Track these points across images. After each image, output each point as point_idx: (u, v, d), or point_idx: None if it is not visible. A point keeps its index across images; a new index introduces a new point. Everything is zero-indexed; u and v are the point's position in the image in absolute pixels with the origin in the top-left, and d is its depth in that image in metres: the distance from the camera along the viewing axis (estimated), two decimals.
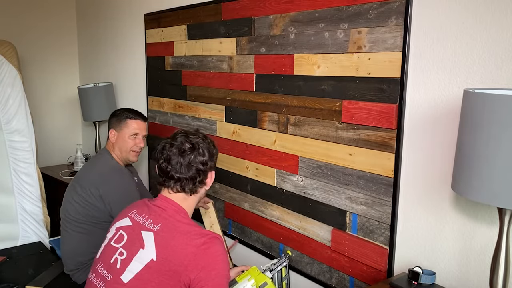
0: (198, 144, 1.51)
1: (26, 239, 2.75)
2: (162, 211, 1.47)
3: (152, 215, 1.46)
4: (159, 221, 1.43)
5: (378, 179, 1.64)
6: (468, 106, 1.11)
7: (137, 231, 1.43)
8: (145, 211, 1.49)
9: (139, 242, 1.40)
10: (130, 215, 1.52)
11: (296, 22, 1.89)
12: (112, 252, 1.44)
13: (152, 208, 1.49)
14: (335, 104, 1.77)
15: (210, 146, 1.55)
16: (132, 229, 1.45)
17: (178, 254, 1.34)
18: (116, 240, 1.47)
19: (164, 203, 1.49)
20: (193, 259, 1.34)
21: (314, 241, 1.92)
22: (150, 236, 1.40)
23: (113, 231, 1.51)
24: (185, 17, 2.54)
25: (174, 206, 1.48)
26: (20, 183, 2.79)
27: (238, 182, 2.29)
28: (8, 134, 2.78)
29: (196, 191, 1.52)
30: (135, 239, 1.42)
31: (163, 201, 1.50)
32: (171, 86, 2.73)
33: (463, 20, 1.38)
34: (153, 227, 1.42)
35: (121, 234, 1.47)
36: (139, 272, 1.35)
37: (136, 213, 1.50)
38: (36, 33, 3.72)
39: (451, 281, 1.47)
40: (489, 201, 1.08)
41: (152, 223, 1.43)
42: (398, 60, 1.54)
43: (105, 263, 1.45)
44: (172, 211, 1.47)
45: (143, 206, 1.52)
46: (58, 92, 3.92)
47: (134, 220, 1.48)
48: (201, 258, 1.34)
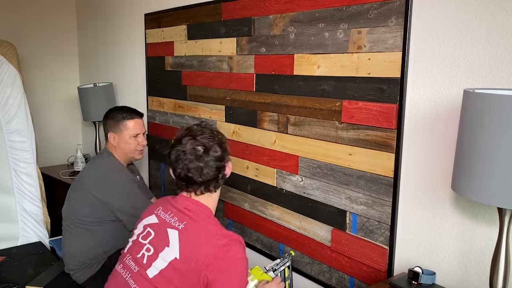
0: (209, 144, 1.49)
1: (26, 239, 2.75)
2: (186, 210, 1.48)
3: (178, 214, 1.47)
4: (184, 219, 1.45)
5: (378, 179, 1.64)
6: (468, 106, 1.11)
7: (163, 229, 1.46)
8: (170, 209, 1.51)
9: (164, 240, 1.43)
10: (156, 213, 1.53)
11: (296, 22, 1.89)
12: (140, 247, 1.48)
13: (177, 207, 1.50)
14: (335, 104, 1.77)
15: (220, 139, 1.54)
16: (159, 227, 1.48)
17: (199, 254, 1.36)
18: (143, 236, 1.50)
19: (189, 204, 1.50)
20: (213, 260, 1.35)
21: (314, 241, 1.92)
22: (175, 234, 1.42)
23: (141, 228, 1.54)
24: (185, 17, 2.54)
25: (199, 206, 1.50)
26: (20, 183, 2.79)
27: (238, 182, 2.29)
28: (8, 134, 2.78)
29: (220, 185, 1.54)
30: (161, 237, 1.45)
31: (187, 201, 1.51)
32: (171, 86, 2.73)
33: (463, 20, 1.38)
34: (178, 225, 1.44)
35: (148, 231, 1.51)
36: (163, 269, 1.39)
37: (162, 211, 1.53)
38: (36, 33, 3.72)
39: (451, 281, 1.47)
40: (489, 201, 1.08)
41: (177, 221, 1.45)
42: (398, 60, 1.54)
43: (133, 256, 1.49)
44: (196, 210, 1.48)
45: (167, 204, 1.53)
46: (58, 92, 3.92)
47: (160, 217, 1.51)
48: (221, 260, 1.36)
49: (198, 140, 1.48)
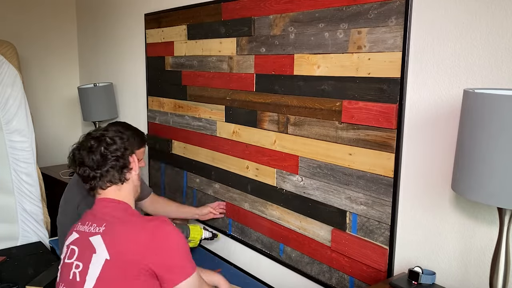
0: (102, 136, 1.47)
1: (26, 239, 2.76)
2: (102, 212, 1.44)
3: (95, 220, 1.43)
4: (102, 222, 1.40)
5: (378, 179, 1.64)
6: (468, 106, 1.11)
7: (86, 240, 1.39)
8: (88, 219, 1.45)
9: (90, 249, 1.37)
10: (75, 229, 1.47)
11: (296, 22, 1.89)
12: (68, 269, 1.40)
13: (93, 214, 1.46)
14: (335, 104, 1.77)
15: (117, 133, 1.51)
16: (81, 240, 1.41)
17: (130, 244, 1.33)
18: (68, 256, 1.42)
19: (102, 203, 1.47)
20: (148, 244, 1.32)
21: (314, 241, 1.92)
22: (98, 239, 1.37)
23: (65, 250, 1.46)
24: (185, 17, 2.54)
25: (111, 202, 1.46)
26: (20, 183, 2.79)
27: (238, 182, 2.29)
28: (8, 134, 2.78)
29: (126, 178, 1.48)
30: (86, 248, 1.38)
31: (100, 202, 1.47)
32: (171, 86, 2.73)
33: (463, 20, 1.38)
34: (98, 230, 1.39)
35: (72, 249, 1.43)
36: (98, 276, 1.32)
37: (80, 225, 1.46)
38: (36, 33, 3.72)
39: (451, 281, 1.47)
40: (489, 201, 1.08)
41: (97, 226, 1.40)
42: (398, 60, 1.54)
43: (65, 282, 1.40)
44: (111, 208, 1.44)
45: (86, 216, 1.48)
46: (58, 92, 3.92)
47: (80, 231, 1.44)
48: (156, 241, 1.33)
49: (90, 135, 1.49)
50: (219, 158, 2.40)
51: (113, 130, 1.53)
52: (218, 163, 2.41)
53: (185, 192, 2.71)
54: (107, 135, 1.48)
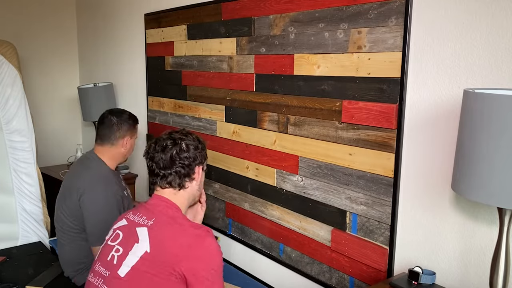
0: (180, 140, 1.54)
1: (26, 239, 2.75)
2: (154, 208, 1.49)
3: (147, 213, 1.48)
4: (152, 216, 1.45)
5: (378, 179, 1.64)
6: (468, 106, 1.11)
7: (132, 229, 1.45)
8: (140, 211, 1.51)
9: (133, 238, 1.42)
10: (126, 217, 1.53)
11: (296, 22, 1.89)
12: (108, 250, 1.46)
13: (146, 207, 1.51)
14: (335, 104, 1.77)
15: (195, 141, 1.57)
16: (128, 228, 1.47)
17: (172, 245, 1.36)
18: (112, 239, 1.48)
19: (156, 200, 1.52)
20: (187, 250, 1.35)
21: (314, 241, 1.92)
22: (144, 231, 1.42)
23: (110, 233, 1.53)
24: (185, 17, 2.54)
25: (165, 201, 1.51)
26: (20, 183, 2.79)
27: (238, 182, 2.29)
28: (8, 134, 2.78)
29: (184, 186, 1.53)
30: (130, 236, 1.44)
31: (155, 198, 1.53)
32: (171, 86, 2.73)
33: (463, 20, 1.38)
34: (147, 222, 1.44)
35: (117, 233, 1.49)
36: (134, 265, 1.36)
37: (131, 214, 1.52)
38: (36, 33, 3.72)
39: (451, 281, 1.47)
40: (489, 201, 1.08)
41: (146, 219, 1.45)
42: (398, 60, 1.54)
43: (102, 262, 1.46)
44: (163, 206, 1.49)
45: (138, 208, 1.55)
46: (58, 92, 3.92)
47: (129, 219, 1.50)
48: (197, 249, 1.35)
49: (171, 135, 1.56)
50: (219, 158, 2.40)
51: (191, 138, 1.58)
52: (218, 163, 2.41)
53: None
54: (185, 140, 1.55)
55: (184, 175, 1.52)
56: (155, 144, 1.54)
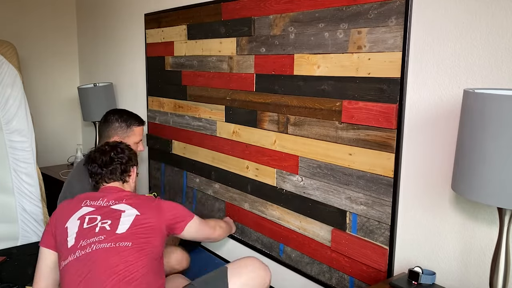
0: (116, 145, 1.89)
1: (26, 239, 2.75)
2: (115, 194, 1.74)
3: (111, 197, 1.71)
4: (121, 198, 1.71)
5: (378, 179, 1.64)
6: (468, 106, 1.11)
7: (108, 209, 1.66)
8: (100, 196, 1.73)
9: (116, 212, 1.64)
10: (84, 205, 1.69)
11: (296, 22, 1.89)
12: (92, 228, 1.59)
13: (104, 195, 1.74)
14: (335, 104, 1.77)
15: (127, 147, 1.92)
16: (100, 210, 1.66)
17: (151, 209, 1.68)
18: (88, 222, 1.62)
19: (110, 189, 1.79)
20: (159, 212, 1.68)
21: (314, 241, 1.92)
22: (123, 205, 1.67)
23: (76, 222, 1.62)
24: (185, 17, 2.54)
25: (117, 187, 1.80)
26: (20, 183, 2.79)
27: (238, 182, 2.29)
28: (8, 134, 2.78)
29: (125, 180, 1.85)
30: (111, 212, 1.64)
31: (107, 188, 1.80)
32: (171, 86, 2.73)
33: (463, 20, 1.38)
34: (119, 201, 1.69)
35: (90, 217, 1.63)
36: (132, 222, 1.60)
37: (90, 201, 1.71)
38: (36, 33, 3.72)
39: (451, 281, 1.47)
40: (489, 201, 1.08)
41: (115, 201, 1.69)
42: (398, 60, 1.54)
43: (89, 237, 1.56)
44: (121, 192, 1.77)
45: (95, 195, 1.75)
46: (58, 92, 3.92)
47: (95, 205, 1.69)
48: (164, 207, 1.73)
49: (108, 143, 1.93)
50: (219, 158, 2.40)
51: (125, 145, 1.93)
52: (218, 163, 2.41)
53: (185, 192, 2.71)
54: (120, 146, 1.90)
55: (123, 170, 1.84)
56: (95, 152, 1.87)
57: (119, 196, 1.73)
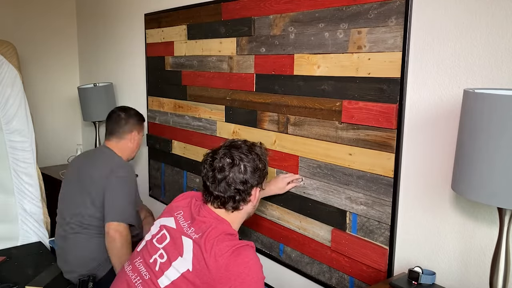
0: (239, 160, 1.44)
1: (26, 239, 2.75)
2: (204, 223, 1.43)
3: (194, 224, 1.44)
4: (199, 231, 1.41)
5: (378, 179, 1.64)
6: (468, 106, 1.11)
7: (179, 236, 1.43)
8: (190, 218, 1.47)
9: (179, 248, 1.39)
10: (176, 216, 1.50)
11: (296, 22, 1.89)
12: (153, 251, 1.45)
13: (196, 218, 1.46)
14: (335, 104, 1.77)
15: (255, 161, 1.47)
16: (175, 232, 1.45)
17: (211, 267, 1.32)
18: (158, 239, 1.46)
19: (208, 216, 1.46)
20: (225, 271, 1.31)
21: (314, 241, 1.92)
22: (189, 244, 1.38)
23: (157, 227, 1.50)
24: (185, 17, 2.54)
25: (215, 218, 1.46)
26: (20, 183, 2.79)
27: None
28: (8, 134, 2.78)
29: (238, 208, 1.48)
30: (176, 244, 1.41)
31: (207, 213, 1.47)
32: (171, 86, 2.73)
33: (463, 20, 1.38)
34: (193, 235, 1.40)
35: (164, 234, 1.47)
36: (175, 280, 1.35)
37: (182, 217, 1.48)
38: (36, 33, 3.72)
39: (451, 281, 1.47)
40: (489, 201, 1.08)
41: (194, 231, 1.41)
42: (398, 60, 1.54)
43: (144, 260, 1.45)
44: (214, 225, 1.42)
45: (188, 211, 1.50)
46: (58, 92, 3.92)
47: (179, 223, 1.47)
48: (233, 268, 1.32)
49: (231, 152, 1.45)
50: None
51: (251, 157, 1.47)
52: None
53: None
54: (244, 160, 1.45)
55: (240, 200, 1.46)
56: (212, 160, 1.46)
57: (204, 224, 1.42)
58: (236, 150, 1.46)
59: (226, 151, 1.46)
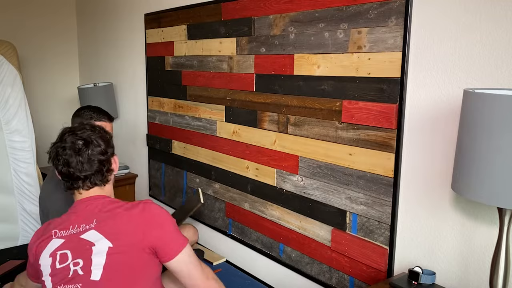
0: (90, 137, 1.47)
1: (26, 239, 2.75)
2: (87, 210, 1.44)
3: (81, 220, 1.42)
4: (91, 219, 1.41)
5: (378, 179, 1.64)
6: (468, 106, 1.11)
7: (77, 240, 1.38)
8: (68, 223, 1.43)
9: (86, 245, 1.36)
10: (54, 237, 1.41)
11: (296, 22, 1.89)
12: (65, 271, 1.35)
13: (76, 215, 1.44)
14: (335, 104, 1.77)
15: (102, 134, 1.52)
16: (70, 242, 1.39)
17: (127, 229, 1.37)
18: (60, 261, 1.37)
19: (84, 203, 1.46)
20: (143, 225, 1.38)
21: (314, 241, 1.92)
22: (93, 233, 1.38)
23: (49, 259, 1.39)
24: (185, 17, 2.54)
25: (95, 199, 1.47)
26: (20, 183, 2.79)
27: (238, 182, 2.29)
28: (8, 134, 2.78)
29: (107, 180, 1.52)
30: (81, 246, 1.37)
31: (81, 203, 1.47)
32: (171, 86, 2.73)
33: (463, 20, 1.38)
34: (89, 226, 1.40)
35: (61, 254, 1.38)
36: (105, 264, 1.33)
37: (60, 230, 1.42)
38: (36, 33, 3.72)
39: (451, 281, 1.47)
40: (489, 201, 1.08)
41: (86, 225, 1.40)
42: (398, 60, 1.54)
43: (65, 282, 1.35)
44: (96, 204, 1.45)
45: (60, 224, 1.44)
46: (58, 92, 3.92)
47: (64, 235, 1.40)
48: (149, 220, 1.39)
49: (77, 135, 1.47)
50: (219, 158, 2.40)
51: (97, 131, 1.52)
52: (218, 163, 2.41)
53: (185, 192, 2.71)
54: (93, 136, 1.48)
55: (106, 170, 1.49)
56: (64, 148, 1.45)
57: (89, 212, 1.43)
58: (80, 131, 1.49)
59: (72, 136, 1.47)
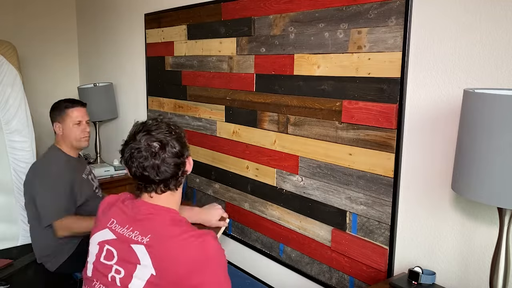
0: (166, 139, 1.38)
1: (26, 239, 2.75)
2: (148, 221, 1.37)
3: (138, 226, 1.35)
4: (147, 233, 1.33)
5: (378, 179, 1.64)
6: (468, 106, 1.11)
7: (126, 246, 1.33)
8: (127, 221, 1.38)
9: (133, 258, 1.31)
10: (110, 226, 1.39)
11: (296, 22, 1.89)
12: (106, 270, 1.34)
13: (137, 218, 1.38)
14: (335, 104, 1.77)
15: (178, 134, 1.43)
16: (120, 244, 1.35)
17: (176, 263, 1.28)
18: (105, 256, 1.35)
19: (150, 210, 1.39)
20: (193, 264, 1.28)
21: (314, 241, 1.92)
22: (142, 249, 1.31)
23: (96, 246, 1.39)
24: (185, 17, 2.54)
25: (160, 210, 1.40)
26: (20, 183, 2.78)
27: (238, 182, 2.29)
28: (8, 134, 2.78)
29: (180, 183, 1.46)
30: (127, 255, 1.32)
31: (148, 207, 1.40)
32: (171, 86, 2.73)
33: (463, 20, 1.38)
34: (141, 240, 1.32)
35: (108, 250, 1.36)
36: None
37: (117, 224, 1.38)
38: (36, 33, 3.72)
39: (451, 281, 1.47)
40: (489, 201, 1.08)
41: (139, 235, 1.33)
42: (398, 60, 1.54)
43: (102, 281, 1.34)
44: (160, 218, 1.38)
45: (122, 214, 1.40)
46: (58, 92, 3.90)
47: (118, 232, 1.37)
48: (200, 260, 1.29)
49: (153, 136, 1.38)
50: (219, 158, 2.40)
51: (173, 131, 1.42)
52: (218, 163, 2.41)
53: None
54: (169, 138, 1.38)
55: (181, 174, 1.43)
56: (139, 151, 1.36)
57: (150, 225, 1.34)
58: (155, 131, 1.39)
59: (147, 137, 1.38)
